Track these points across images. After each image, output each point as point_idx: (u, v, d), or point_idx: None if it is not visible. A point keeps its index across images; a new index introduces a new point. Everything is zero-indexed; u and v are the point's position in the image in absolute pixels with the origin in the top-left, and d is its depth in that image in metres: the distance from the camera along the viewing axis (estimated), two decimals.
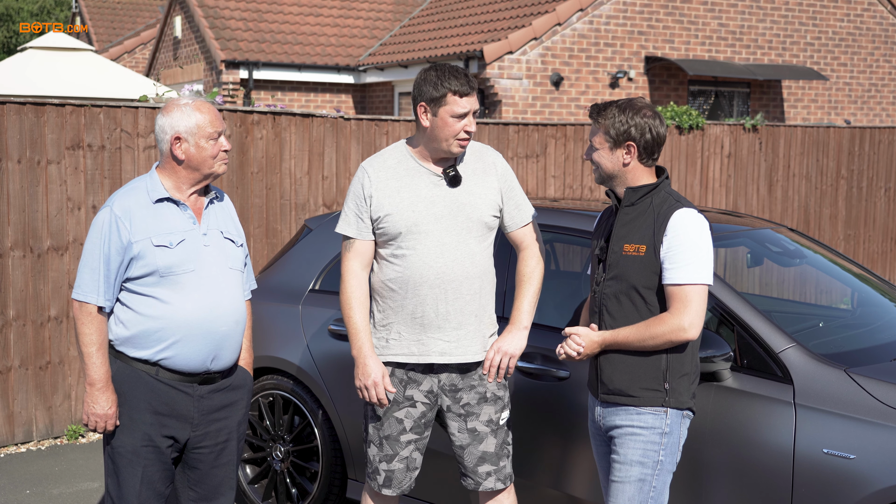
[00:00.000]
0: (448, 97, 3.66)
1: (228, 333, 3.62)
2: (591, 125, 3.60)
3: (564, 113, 13.73)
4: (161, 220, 3.54)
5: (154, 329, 3.51)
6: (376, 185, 3.76)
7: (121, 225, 3.48)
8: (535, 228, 3.94)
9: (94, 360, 3.49)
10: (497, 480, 3.85)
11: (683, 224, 3.45)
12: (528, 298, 3.86)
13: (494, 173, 3.84)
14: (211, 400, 3.64)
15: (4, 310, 6.43)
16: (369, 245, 3.81)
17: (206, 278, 3.56)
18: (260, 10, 16.89)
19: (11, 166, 6.38)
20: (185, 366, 3.55)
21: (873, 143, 11.09)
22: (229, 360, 3.66)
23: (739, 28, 14.98)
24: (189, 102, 3.57)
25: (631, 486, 3.51)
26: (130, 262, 3.49)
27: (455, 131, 3.67)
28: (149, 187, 3.58)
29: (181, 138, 3.54)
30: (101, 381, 3.50)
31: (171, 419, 3.57)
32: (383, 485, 3.85)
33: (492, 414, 3.83)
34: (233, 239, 3.70)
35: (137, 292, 3.51)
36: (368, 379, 3.74)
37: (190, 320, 3.52)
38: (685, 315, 3.40)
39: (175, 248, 3.51)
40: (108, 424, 3.53)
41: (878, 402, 3.62)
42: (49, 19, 36.12)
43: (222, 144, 3.61)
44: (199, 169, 3.58)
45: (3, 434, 6.49)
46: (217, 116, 3.61)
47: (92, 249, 3.50)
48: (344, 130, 7.75)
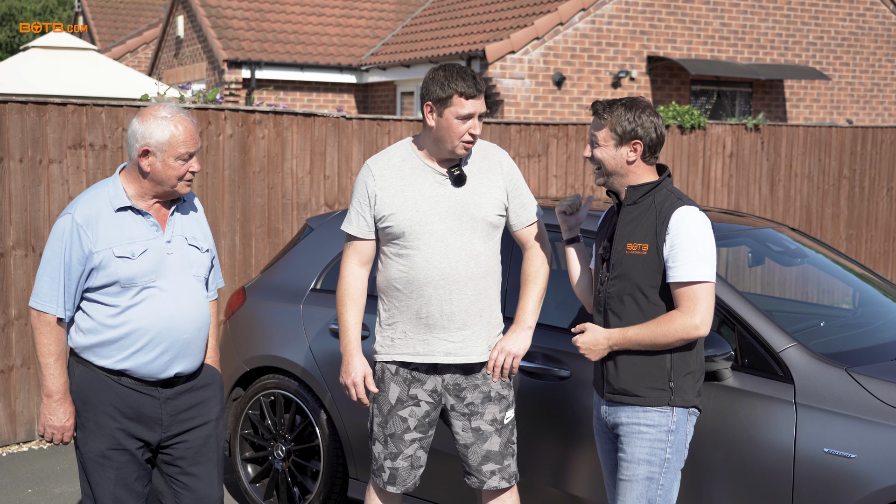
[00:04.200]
0: (454, 98, 3.64)
1: (189, 340, 3.57)
2: (594, 120, 3.59)
3: (566, 113, 13.72)
4: (123, 229, 3.45)
5: (114, 338, 3.46)
6: (381, 183, 3.75)
7: (82, 234, 3.40)
8: (541, 228, 3.92)
9: (52, 370, 3.42)
10: (502, 479, 3.85)
11: (685, 222, 3.46)
12: (532, 298, 3.85)
13: (500, 172, 3.83)
14: (178, 401, 3.59)
15: (6, 309, 6.43)
16: (370, 244, 3.81)
17: (168, 287, 3.50)
18: (262, 9, 16.90)
19: (13, 165, 6.39)
20: (147, 374, 3.51)
21: (875, 142, 11.08)
22: (192, 365, 3.62)
23: (742, 28, 14.97)
24: (167, 116, 3.44)
25: (639, 484, 3.52)
26: (91, 272, 3.42)
27: (459, 133, 3.66)
28: (111, 194, 3.48)
29: (150, 152, 3.42)
30: (58, 392, 3.45)
31: (137, 423, 3.53)
32: (388, 482, 3.85)
33: (496, 413, 3.83)
34: (198, 245, 3.63)
35: (98, 301, 3.45)
36: (349, 378, 3.80)
37: (150, 330, 3.46)
38: (696, 313, 3.41)
39: (137, 259, 3.44)
40: (64, 436, 3.50)
41: (878, 401, 3.62)
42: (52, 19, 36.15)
43: (191, 166, 3.48)
44: (162, 185, 3.48)
45: (5, 433, 6.50)
46: (193, 136, 3.47)
47: (52, 258, 3.42)
48: (346, 130, 7.76)
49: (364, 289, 3.84)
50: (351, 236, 3.83)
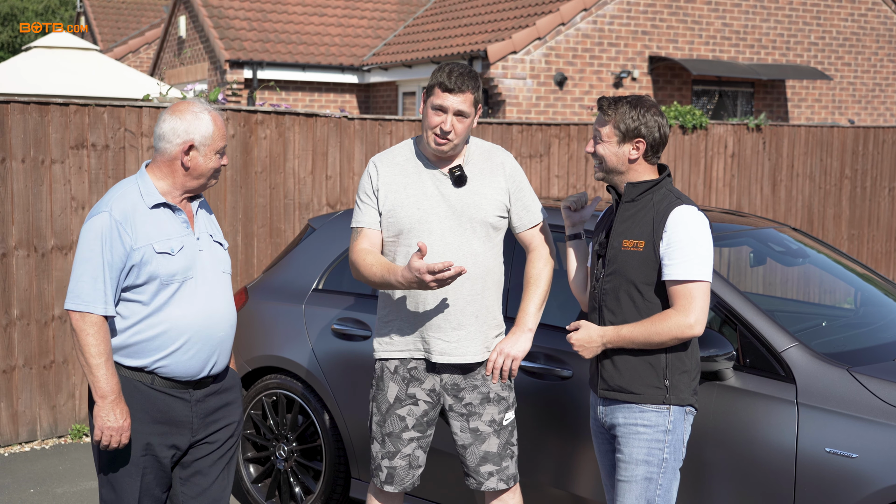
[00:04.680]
0: (434, 88, 3.67)
1: (224, 338, 3.57)
2: (599, 116, 3.60)
3: (568, 113, 13.73)
4: (159, 225, 3.43)
5: (153, 336, 3.41)
6: (383, 179, 3.77)
7: (122, 230, 3.35)
8: (545, 230, 3.92)
9: (103, 371, 3.33)
10: (500, 480, 3.84)
11: (683, 221, 3.46)
12: (534, 300, 3.84)
13: (502, 174, 3.83)
14: (207, 403, 3.57)
15: (9, 309, 6.44)
16: (378, 234, 3.80)
17: (204, 284, 3.49)
18: (264, 9, 16.91)
19: (16, 165, 6.39)
20: (184, 373, 3.47)
21: (877, 142, 11.08)
22: (224, 365, 3.61)
23: (743, 28, 14.97)
24: (205, 111, 3.47)
25: (638, 484, 3.52)
26: (131, 270, 3.37)
27: (432, 123, 3.66)
28: (143, 191, 3.45)
29: (195, 147, 3.44)
30: (113, 392, 3.35)
31: (170, 427, 3.49)
32: (385, 481, 3.85)
33: (494, 414, 3.83)
34: (221, 242, 3.65)
35: (133, 300, 3.40)
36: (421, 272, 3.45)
37: (191, 327, 3.44)
38: (690, 312, 3.40)
39: (177, 255, 3.42)
40: (122, 437, 3.38)
41: (880, 401, 3.62)
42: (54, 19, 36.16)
43: (224, 160, 3.55)
44: (199, 179, 3.49)
45: (7, 433, 6.51)
46: (226, 131, 3.55)
47: (90, 257, 3.34)
48: (348, 130, 7.76)
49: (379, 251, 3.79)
50: (360, 228, 3.81)
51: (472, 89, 3.67)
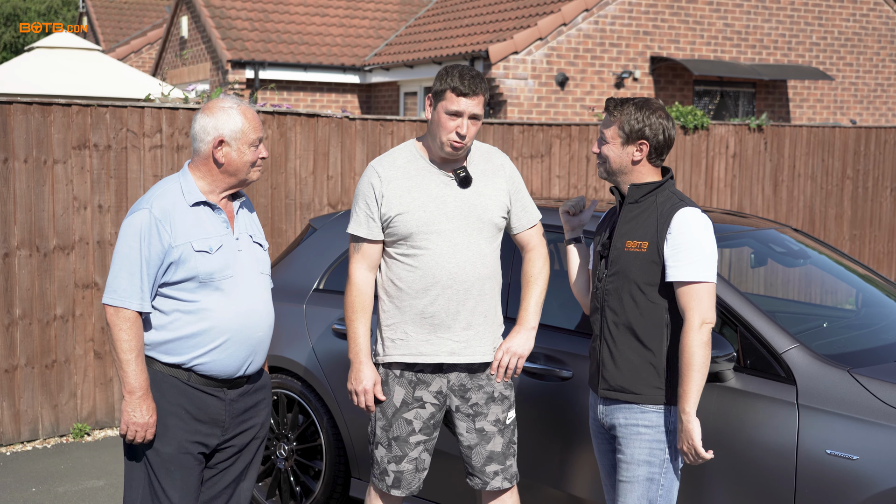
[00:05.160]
0: (447, 93, 3.66)
1: (263, 338, 3.59)
2: (605, 117, 3.62)
3: (569, 113, 13.73)
4: (199, 223, 3.45)
5: (192, 334, 3.43)
6: (387, 184, 3.74)
7: (161, 228, 3.38)
8: (540, 231, 3.95)
9: (134, 367, 3.36)
10: (504, 479, 3.86)
11: (688, 222, 3.48)
12: (534, 299, 3.87)
13: (503, 175, 3.85)
14: (239, 403, 3.58)
15: (11, 308, 6.45)
16: (377, 248, 3.79)
17: (243, 284, 3.51)
18: (266, 10, 16.91)
19: (18, 166, 6.40)
20: (222, 372, 3.49)
21: (879, 142, 11.08)
22: (260, 364, 3.63)
23: (745, 28, 14.96)
24: (234, 105, 3.50)
25: (640, 485, 3.52)
26: (170, 267, 3.39)
27: (447, 129, 3.66)
28: (184, 189, 3.48)
29: (224, 142, 3.46)
30: (141, 388, 3.38)
31: (204, 425, 3.49)
32: (392, 486, 3.84)
33: (499, 413, 3.84)
34: (261, 243, 3.67)
35: (175, 297, 3.42)
36: (360, 385, 3.77)
37: (230, 326, 3.46)
38: (702, 312, 3.42)
39: (215, 254, 3.44)
40: (147, 434, 3.41)
41: (881, 402, 3.62)
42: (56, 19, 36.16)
43: (261, 151, 3.54)
44: (236, 175, 3.51)
45: (9, 432, 6.52)
46: (258, 122, 3.55)
47: (129, 253, 3.37)
48: (349, 130, 7.77)
49: (372, 295, 3.82)
50: (359, 238, 3.80)
51: (483, 91, 3.71)
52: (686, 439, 3.41)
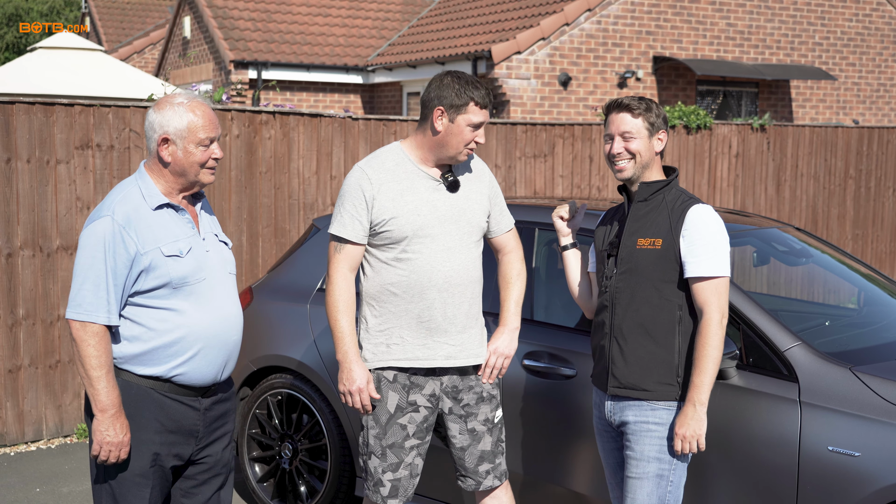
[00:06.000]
0: (469, 106, 3.67)
1: (237, 342, 3.47)
2: (622, 117, 3.61)
3: (572, 113, 13.73)
4: (165, 227, 3.29)
5: (169, 343, 3.28)
6: (378, 187, 3.70)
7: (125, 235, 3.21)
8: (516, 234, 4.02)
9: (104, 383, 3.19)
10: (494, 478, 3.89)
11: (703, 219, 3.54)
12: (515, 300, 3.94)
13: (483, 180, 3.90)
14: (212, 411, 3.46)
15: (14, 309, 6.46)
16: (360, 250, 3.75)
17: (216, 286, 3.37)
18: (269, 10, 16.93)
19: (21, 166, 6.42)
20: (200, 379, 3.36)
21: (882, 142, 11.08)
22: (231, 370, 3.52)
23: (748, 28, 14.97)
24: (184, 101, 3.31)
25: (649, 482, 3.54)
26: (140, 275, 3.23)
27: (467, 140, 3.69)
28: (144, 192, 3.31)
29: (169, 140, 3.28)
30: (113, 405, 3.21)
31: (178, 436, 3.37)
32: (389, 496, 3.80)
33: (487, 413, 3.87)
34: (226, 242, 3.54)
35: (148, 306, 3.27)
36: (353, 385, 3.72)
37: (208, 332, 3.33)
38: (719, 307, 3.48)
39: (186, 257, 3.29)
40: (122, 453, 3.25)
41: (883, 400, 3.63)
42: (59, 19, 36.19)
43: (213, 152, 3.34)
44: (185, 175, 3.33)
45: (13, 432, 6.53)
46: (212, 121, 3.35)
47: (92, 264, 3.20)
48: (352, 130, 7.78)
49: (353, 295, 3.77)
50: (342, 240, 3.74)
51: (491, 99, 3.76)
52: (696, 428, 3.44)
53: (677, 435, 3.47)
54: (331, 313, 3.74)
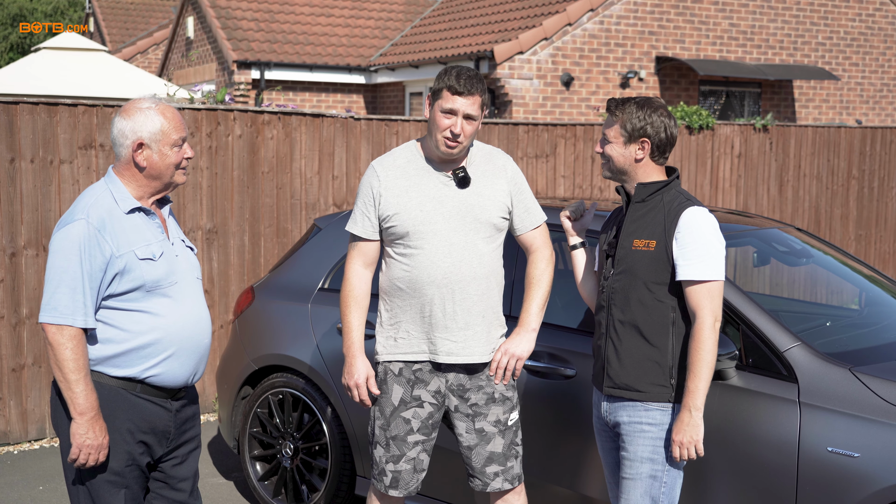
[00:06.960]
0: (443, 91, 3.69)
1: (208, 346, 3.52)
2: (607, 117, 3.65)
3: (575, 113, 13.74)
4: (138, 231, 3.33)
5: (144, 345, 3.32)
6: (385, 184, 3.77)
7: (100, 238, 3.23)
8: (544, 232, 3.96)
9: (83, 386, 3.21)
10: (505, 481, 3.86)
11: (696, 222, 3.51)
12: (537, 301, 3.88)
13: (504, 176, 3.86)
14: (182, 413, 3.51)
15: (18, 308, 6.48)
16: (374, 246, 3.84)
17: (185, 290, 3.42)
18: (272, 10, 16.95)
19: (24, 165, 6.44)
20: (173, 381, 3.40)
21: (885, 143, 11.07)
22: (202, 373, 3.57)
23: (750, 28, 14.96)
24: (152, 106, 3.36)
25: (643, 482, 3.55)
26: (114, 278, 3.26)
27: (442, 126, 3.69)
28: (116, 196, 3.34)
29: (144, 145, 3.33)
30: (92, 408, 3.23)
31: (150, 436, 3.40)
32: (390, 486, 3.85)
33: (500, 414, 3.84)
34: (191, 246, 3.59)
35: (122, 308, 3.30)
36: (352, 379, 3.82)
37: (182, 335, 3.38)
38: (711, 310, 3.45)
39: (159, 261, 3.34)
40: (101, 456, 3.28)
41: (882, 400, 3.63)
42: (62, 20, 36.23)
43: (185, 152, 3.40)
44: (160, 178, 3.38)
45: (16, 431, 6.55)
46: (181, 121, 3.41)
47: (67, 267, 3.21)
48: (354, 130, 7.79)
49: (368, 290, 3.86)
50: (355, 237, 3.85)
51: (480, 92, 3.72)
52: (693, 434, 3.43)
53: (675, 442, 3.48)
54: (341, 307, 3.87)
